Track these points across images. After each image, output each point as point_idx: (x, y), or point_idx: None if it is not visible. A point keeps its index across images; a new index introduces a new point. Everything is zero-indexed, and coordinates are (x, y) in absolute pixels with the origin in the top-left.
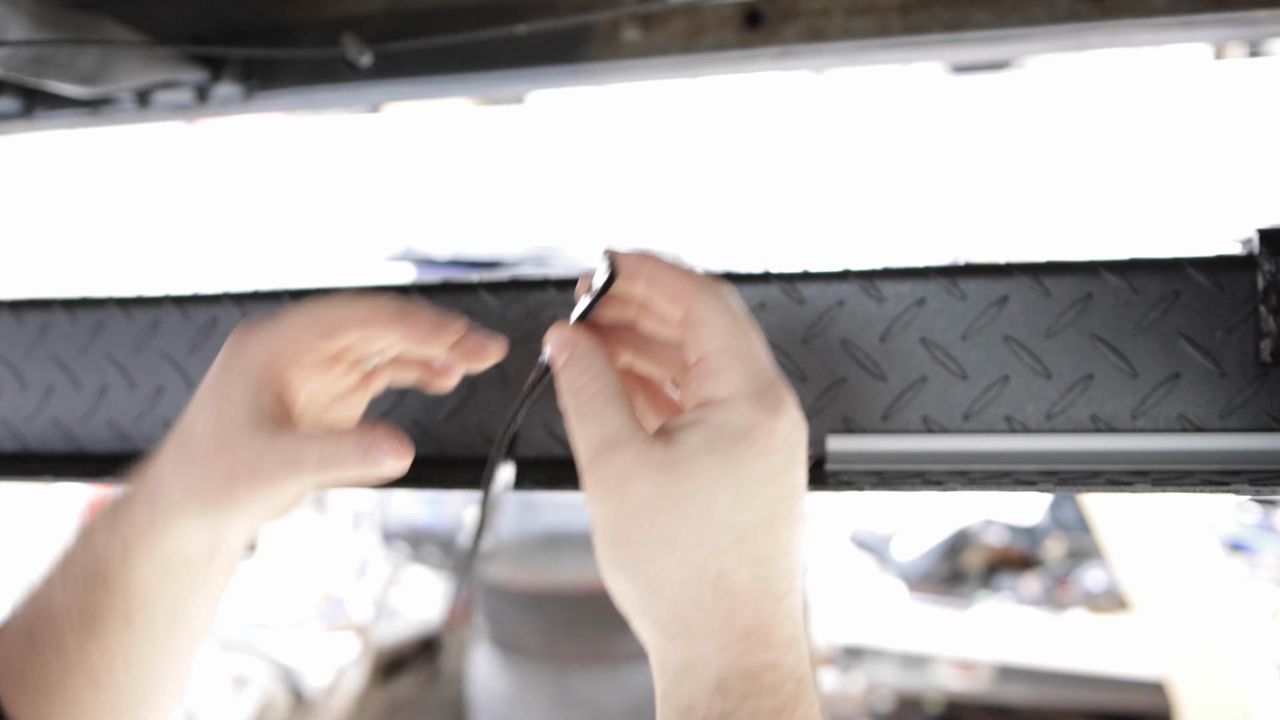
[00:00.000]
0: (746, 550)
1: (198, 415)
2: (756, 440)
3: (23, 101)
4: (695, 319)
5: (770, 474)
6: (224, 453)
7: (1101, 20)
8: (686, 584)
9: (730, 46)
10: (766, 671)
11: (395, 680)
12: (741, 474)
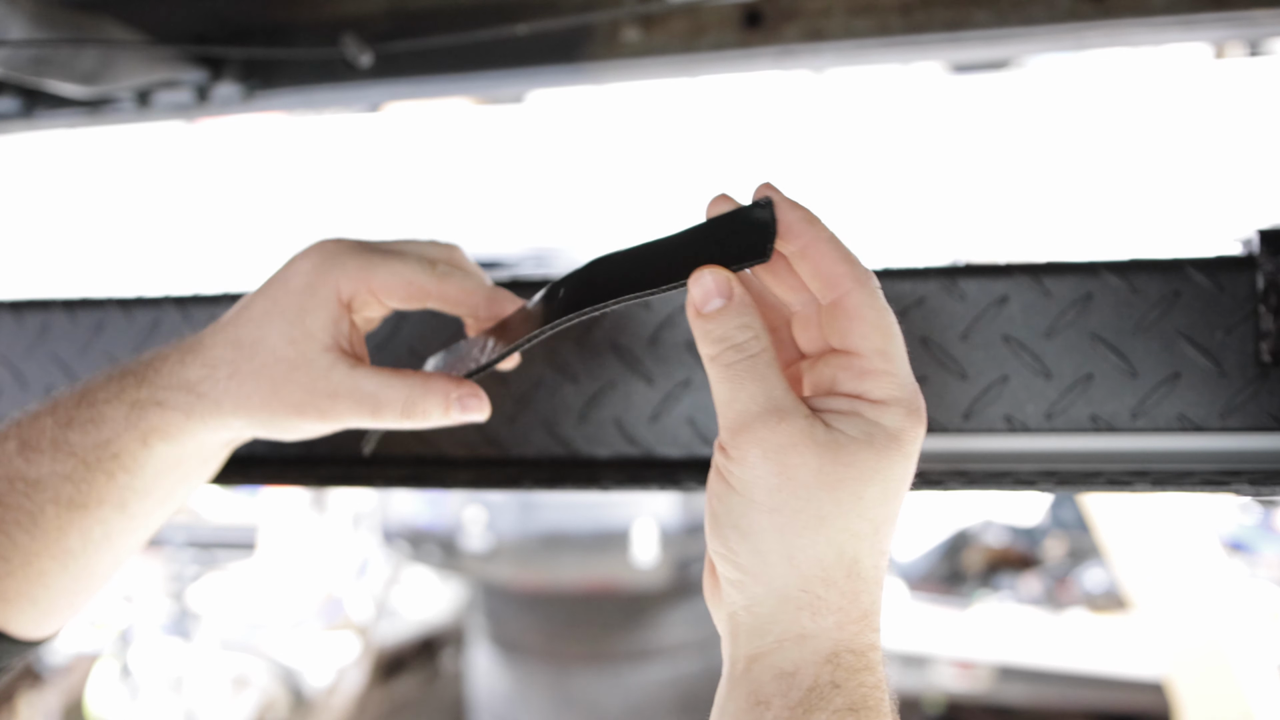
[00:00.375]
0: (876, 541)
1: (270, 330)
2: (904, 444)
3: (23, 101)
4: (851, 311)
5: (905, 476)
6: (300, 375)
7: (1101, 20)
8: (824, 563)
9: (730, 46)
10: (871, 651)
11: (395, 680)
12: (889, 472)
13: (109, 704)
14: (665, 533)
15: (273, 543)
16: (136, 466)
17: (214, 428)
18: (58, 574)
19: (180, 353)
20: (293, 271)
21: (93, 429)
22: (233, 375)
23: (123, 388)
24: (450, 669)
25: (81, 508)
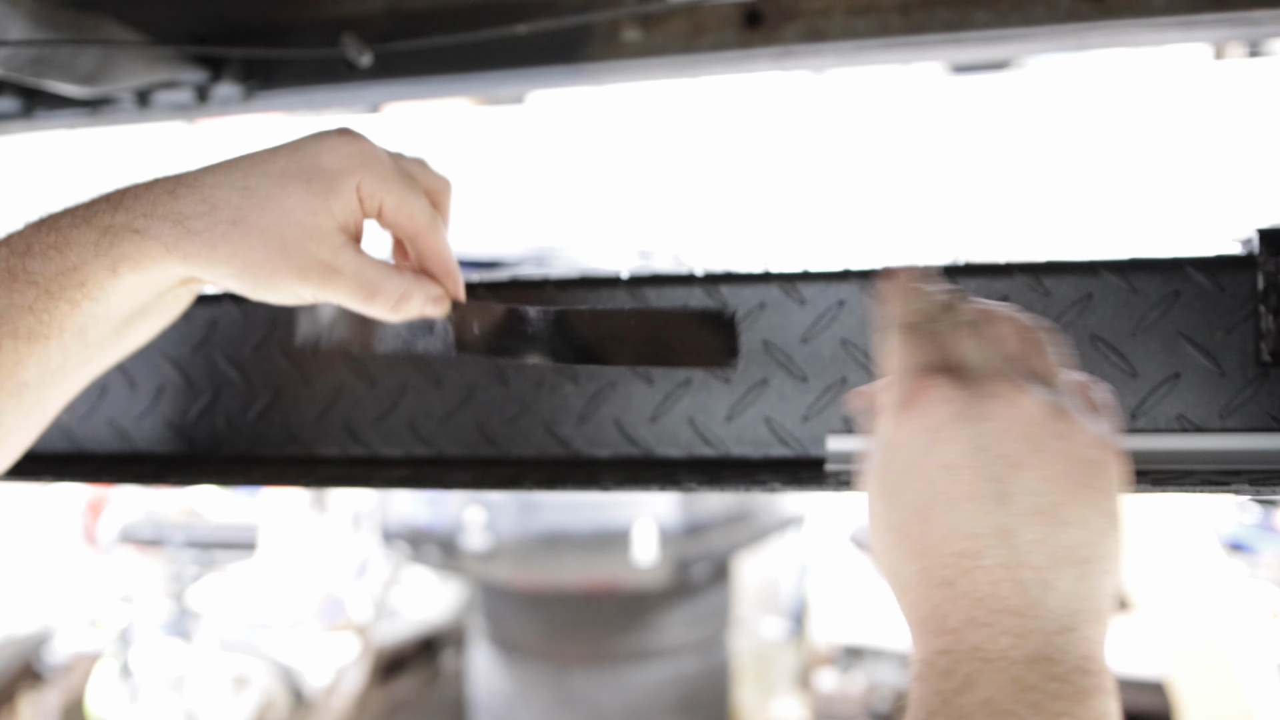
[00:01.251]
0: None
1: (289, 193)
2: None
3: (23, 101)
4: None
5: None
6: (311, 244)
7: (1101, 20)
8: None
9: (730, 46)
10: (939, 657)
11: (395, 680)
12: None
13: (109, 704)
14: (665, 533)
15: (273, 543)
16: (102, 295)
17: (194, 265)
18: (11, 410)
19: (166, 184)
20: (324, 148)
21: (56, 255)
22: (238, 222)
23: (92, 213)
24: (450, 669)
25: (43, 339)
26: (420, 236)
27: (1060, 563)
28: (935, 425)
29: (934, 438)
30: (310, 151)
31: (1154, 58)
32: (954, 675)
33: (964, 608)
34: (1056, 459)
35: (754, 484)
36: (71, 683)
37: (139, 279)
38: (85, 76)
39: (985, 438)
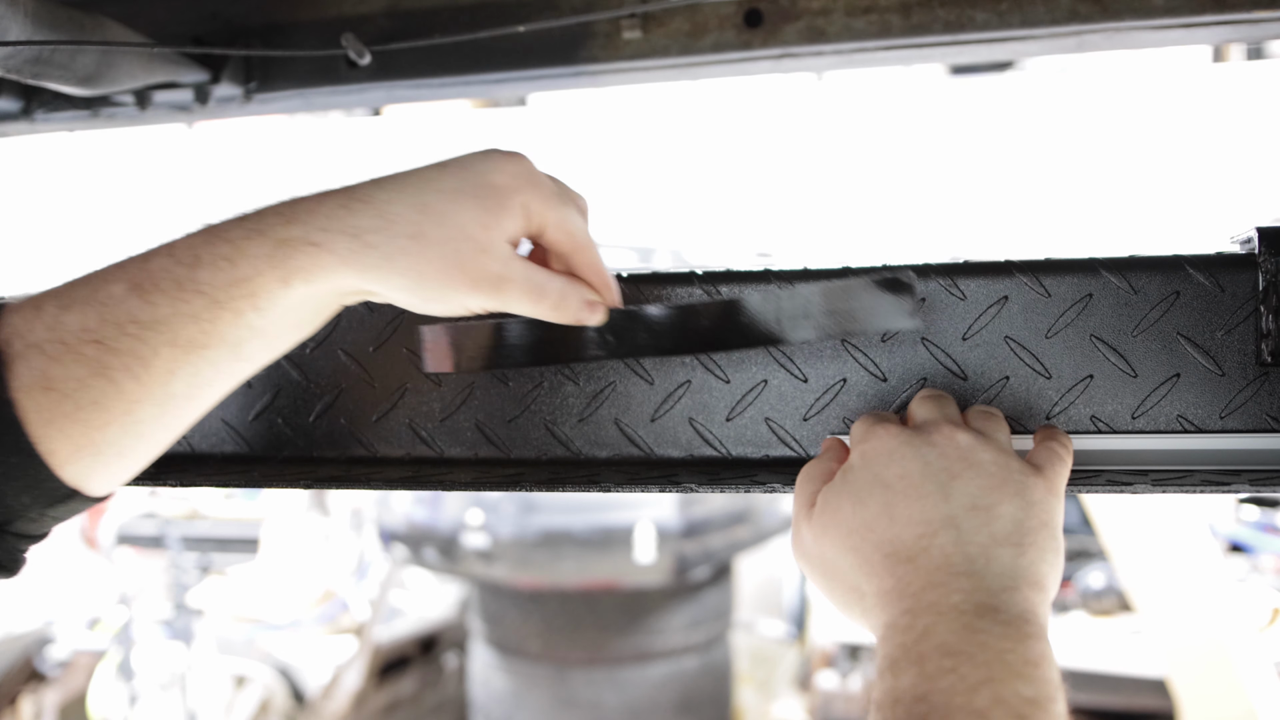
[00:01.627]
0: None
1: (462, 209)
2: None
3: (23, 101)
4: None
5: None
6: (484, 258)
7: (1102, 21)
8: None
9: (730, 47)
10: (901, 616)
11: (395, 680)
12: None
13: (109, 704)
14: (665, 533)
15: (273, 543)
16: (269, 306)
17: (369, 278)
18: (152, 422)
19: (340, 198)
20: (494, 168)
21: (227, 266)
22: (415, 236)
23: (265, 225)
24: (450, 669)
25: (200, 349)
26: (579, 251)
27: (999, 542)
28: (891, 448)
29: (890, 457)
30: (480, 170)
31: (1154, 59)
32: (913, 629)
33: (923, 574)
34: (985, 471)
35: (754, 484)
36: (71, 682)
37: (308, 290)
38: (85, 77)
39: (929, 456)
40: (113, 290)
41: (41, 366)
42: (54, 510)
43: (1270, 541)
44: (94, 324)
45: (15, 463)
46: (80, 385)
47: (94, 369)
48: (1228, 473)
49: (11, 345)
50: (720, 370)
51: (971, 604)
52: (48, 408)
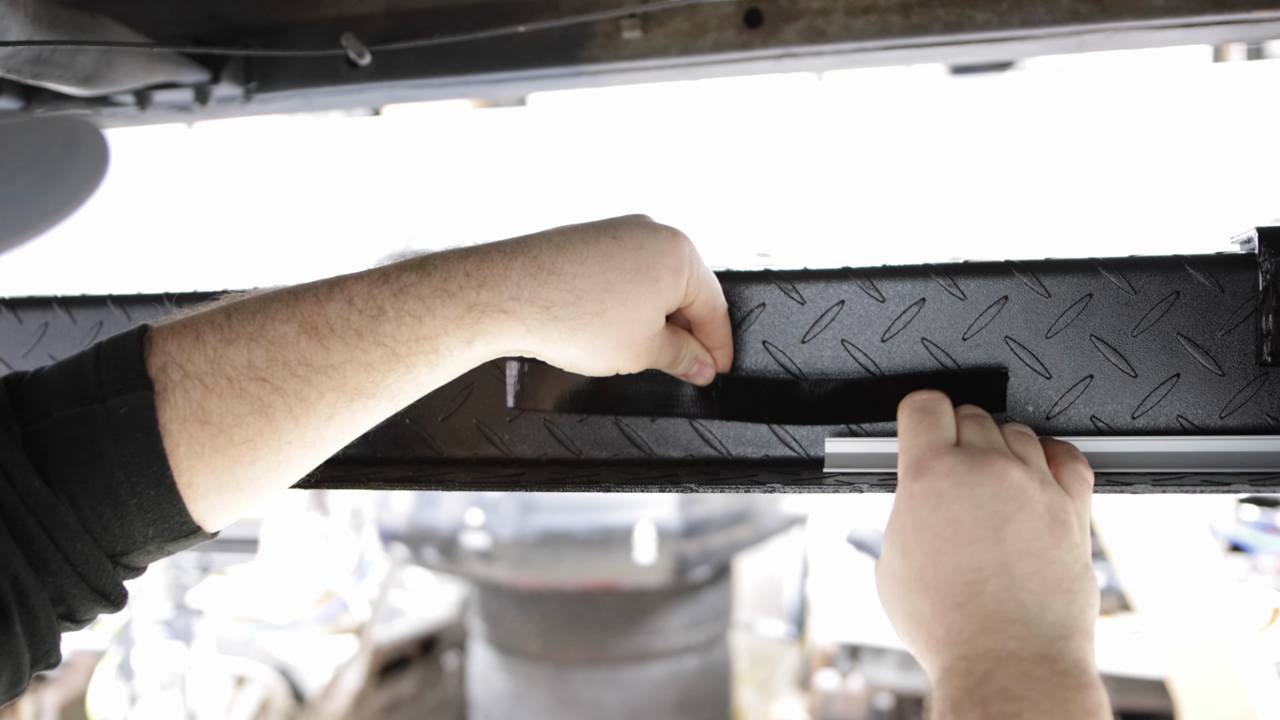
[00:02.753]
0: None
1: (640, 292)
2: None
3: (23, 101)
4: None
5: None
6: (649, 334)
7: (1102, 22)
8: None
9: (730, 47)
10: (958, 662)
11: (394, 680)
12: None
13: (109, 704)
14: (665, 533)
15: (273, 543)
16: (445, 364)
17: (549, 346)
18: (296, 462)
19: (527, 266)
20: (667, 249)
21: (413, 322)
22: (599, 314)
23: (454, 287)
24: (450, 669)
25: (366, 397)
26: (714, 323)
27: (1051, 589)
28: (940, 490)
29: (939, 500)
30: (656, 250)
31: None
32: (973, 673)
33: (975, 621)
34: (1036, 513)
35: (754, 484)
36: (71, 683)
37: (485, 350)
38: (85, 77)
39: (981, 498)
40: (284, 330)
41: (200, 399)
42: (172, 545)
43: (1270, 541)
44: (261, 361)
45: (152, 495)
46: (238, 421)
47: (255, 407)
48: (1228, 473)
49: (168, 373)
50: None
51: (1029, 651)
52: (200, 441)
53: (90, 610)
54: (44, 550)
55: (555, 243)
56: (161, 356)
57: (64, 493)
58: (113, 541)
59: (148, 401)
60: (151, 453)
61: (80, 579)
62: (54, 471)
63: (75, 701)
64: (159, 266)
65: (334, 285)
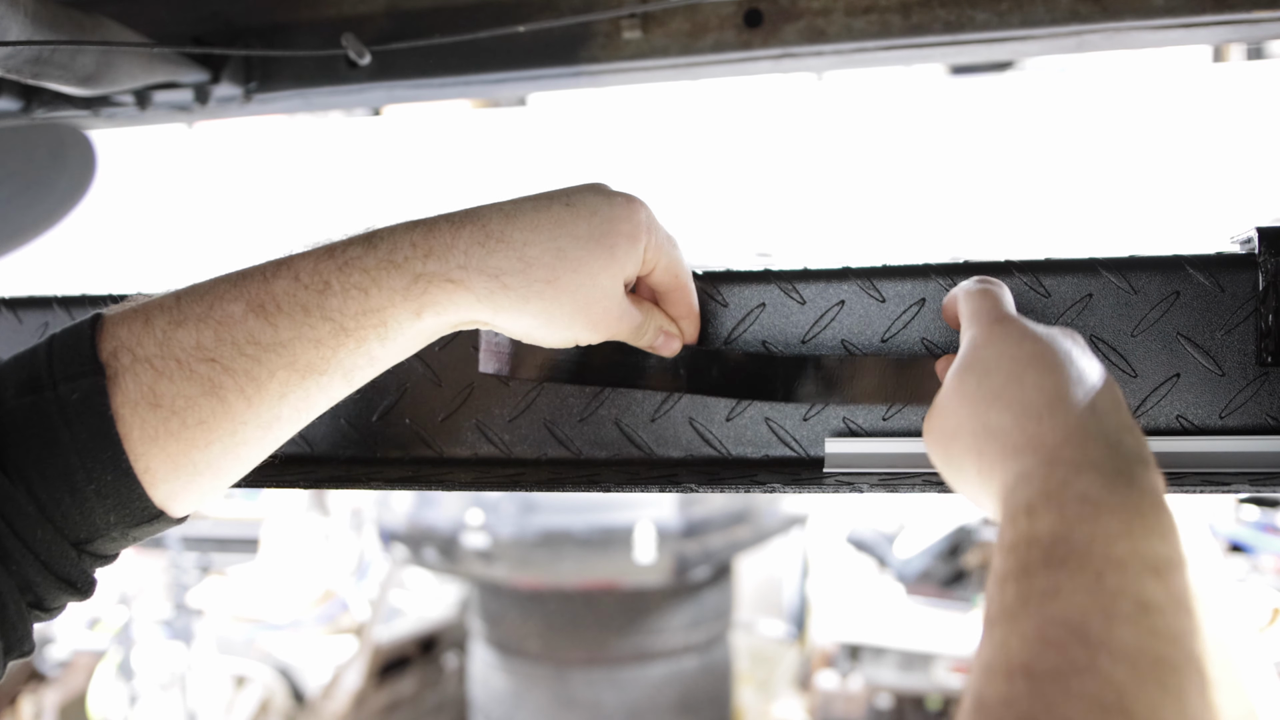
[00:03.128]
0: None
1: (593, 257)
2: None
3: (23, 101)
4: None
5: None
6: (606, 301)
7: (1102, 21)
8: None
9: (730, 47)
10: (1039, 467)
11: (394, 680)
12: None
13: (109, 704)
14: (665, 533)
15: (273, 543)
16: (395, 336)
17: (500, 315)
18: (254, 443)
19: (475, 234)
20: (621, 215)
21: (360, 295)
22: (551, 281)
23: (399, 258)
24: (450, 669)
25: (318, 373)
26: (679, 290)
27: (1128, 428)
28: (1023, 328)
29: (1023, 334)
30: (609, 217)
31: (1154, 59)
32: (1052, 478)
33: (1059, 433)
34: (1104, 372)
35: (754, 484)
36: (71, 682)
37: (437, 322)
38: (85, 77)
39: (1059, 340)
40: (231, 309)
41: (150, 382)
42: (136, 530)
43: (1270, 541)
44: (210, 342)
45: (109, 480)
46: (189, 403)
47: (206, 388)
48: (1228, 473)
49: (119, 358)
50: None
51: (1110, 467)
52: (153, 425)
53: (58, 599)
54: (3, 539)
55: (505, 211)
56: (112, 341)
57: (21, 481)
58: (74, 529)
59: (99, 387)
60: (105, 438)
61: (43, 567)
62: (10, 460)
63: (75, 701)
64: (159, 266)
65: (281, 263)
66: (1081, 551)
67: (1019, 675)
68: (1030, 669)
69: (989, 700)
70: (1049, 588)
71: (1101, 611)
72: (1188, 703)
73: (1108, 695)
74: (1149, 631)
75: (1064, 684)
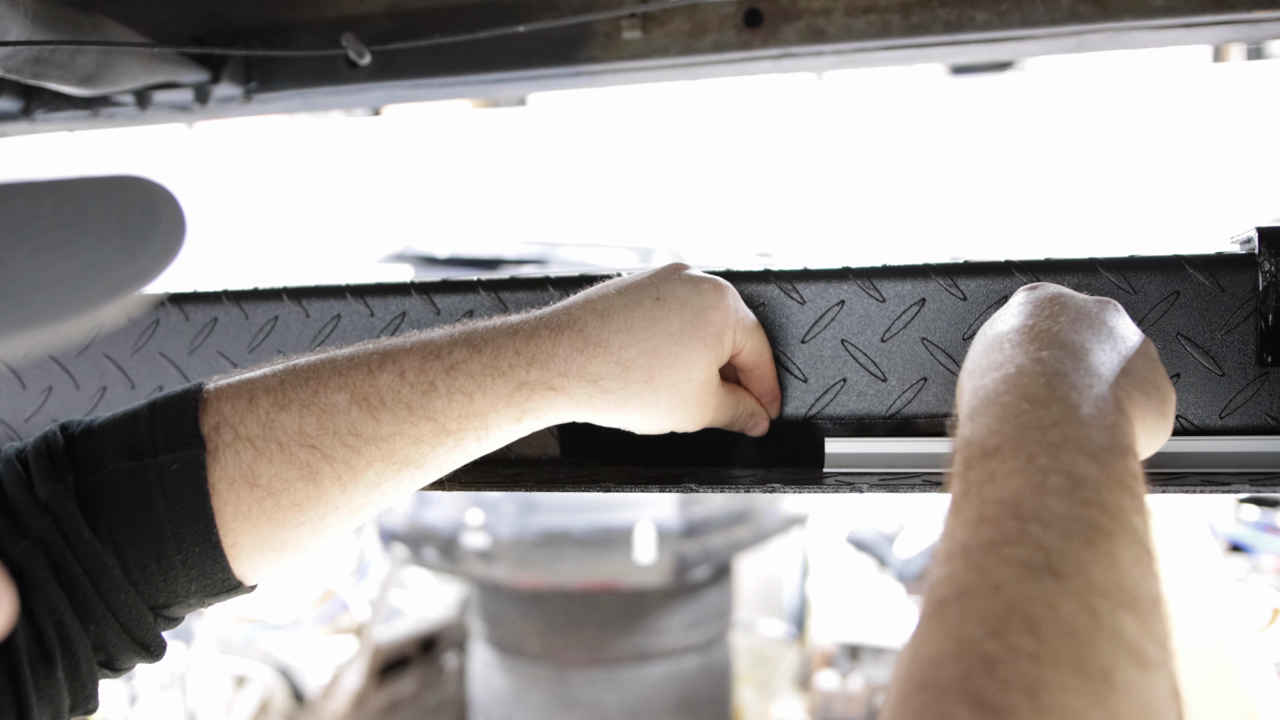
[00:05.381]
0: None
1: (687, 352)
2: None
3: (23, 101)
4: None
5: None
6: (702, 393)
7: (1102, 22)
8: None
9: (730, 47)
10: (992, 383)
11: (394, 680)
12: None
13: (109, 704)
14: (665, 533)
15: None
16: (491, 437)
17: (599, 417)
18: (340, 525)
19: (573, 341)
20: (710, 305)
21: (464, 400)
22: (648, 381)
23: (504, 365)
24: (450, 669)
25: (415, 468)
26: (761, 369)
27: (1110, 353)
28: (1037, 287)
29: (1030, 289)
30: (699, 308)
31: (1154, 59)
32: (999, 384)
33: (1021, 356)
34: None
35: (754, 484)
36: None
37: (535, 423)
38: (85, 77)
39: (1058, 291)
40: (335, 399)
41: (250, 461)
42: (212, 599)
43: (1270, 541)
44: (313, 429)
45: (196, 551)
46: (286, 486)
47: (304, 473)
48: (1228, 473)
49: (220, 434)
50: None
51: (1058, 371)
52: (247, 503)
53: (129, 660)
54: (88, 599)
55: (600, 312)
56: (215, 416)
57: (111, 544)
58: (155, 594)
59: (199, 460)
60: (199, 511)
61: (122, 629)
62: (103, 523)
63: None
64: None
65: (386, 356)
66: (1014, 439)
67: (958, 554)
68: (967, 546)
69: (934, 582)
70: (985, 475)
71: (1032, 487)
72: (1119, 564)
73: (1036, 557)
74: (1080, 502)
75: (996, 552)
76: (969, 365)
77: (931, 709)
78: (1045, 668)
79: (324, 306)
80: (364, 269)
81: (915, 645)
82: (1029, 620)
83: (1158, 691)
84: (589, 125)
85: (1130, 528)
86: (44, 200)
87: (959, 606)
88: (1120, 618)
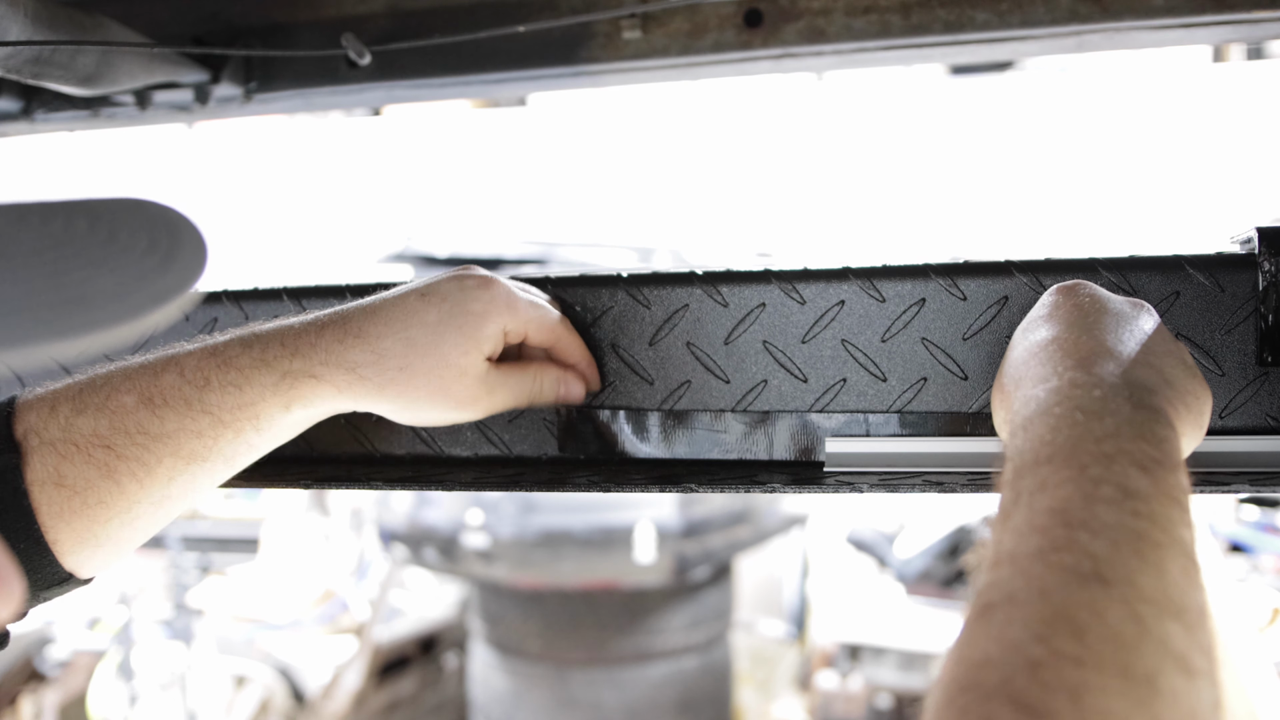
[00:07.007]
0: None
1: (445, 339)
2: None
3: (23, 101)
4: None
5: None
6: (467, 379)
7: (1102, 22)
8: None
9: (730, 47)
10: (1045, 393)
11: (394, 680)
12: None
13: (109, 704)
14: (665, 533)
15: (273, 543)
16: (268, 427)
17: (361, 404)
18: (147, 518)
19: (335, 333)
20: (470, 296)
21: (235, 391)
22: (404, 369)
23: (270, 357)
24: (450, 669)
25: (201, 460)
26: (560, 342)
27: (1153, 357)
28: (1071, 287)
29: (1063, 289)
30: (458, 300)
31: (1154, 59)
32: (1052, 397)
33: (1069, 361)
34: (1139, 310)
35: (754, 484)
36: (71, 683)
37: (305, 413)
38: (85, 77)
39: (1094, 293)
40: (124, 400)
41: (55, 464)
42: (48, 592)
43: (1270, 541)
44: (105, 430)
45: (24, 549)
46: (88, 484)
47: (103, 471)
48: (1228, 473)
49: (29, 440)
50: (720, 370)
51: (1111, 386)
52: (58, 502)
53: None
54: None
55: (367, 308)
56: (23, 425)
57: None
58: None
59: (14, 464)
60: (19, 510)
61: None
62: None
63: (75, 701)
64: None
65: (170, 359)
66: (1068, 450)
67: (1006, 561)
68: (1015, 553)
69: (981, 587)
70: (1036, 484)
71: (1083, 496)
72: (1167, 575)
73: (1084, 564)
74: (1130, 513)
75: (1043, 558)
76: (1011, 372)
77: (975, 710)
78: (1089, 672)
79: (324, 306)
80: (364, 269)
81: (960, 648)
82: (1074, 625)
83: (1202, 700)
84: (589, 125)
85: (1178, 540)
86: (79, 220)
87: (1005, 611)
88: (1167, 626)
